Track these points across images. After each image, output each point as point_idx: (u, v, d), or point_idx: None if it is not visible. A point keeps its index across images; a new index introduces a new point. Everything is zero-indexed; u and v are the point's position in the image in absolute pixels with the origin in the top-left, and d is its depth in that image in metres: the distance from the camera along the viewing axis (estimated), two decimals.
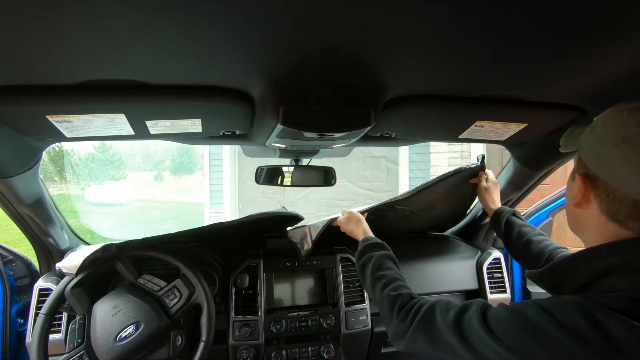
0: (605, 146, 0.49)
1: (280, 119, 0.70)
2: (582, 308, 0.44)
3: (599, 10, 0.43)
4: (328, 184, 1.20)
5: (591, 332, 0.41)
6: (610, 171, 0.48)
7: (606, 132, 0.49)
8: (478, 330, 0.52)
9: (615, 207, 0.49)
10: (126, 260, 1.01)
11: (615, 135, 0.48)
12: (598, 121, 0.52)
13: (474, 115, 0.84)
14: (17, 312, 1.24)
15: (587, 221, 0.54)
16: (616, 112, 0.50)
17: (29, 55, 0.50)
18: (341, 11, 0.42)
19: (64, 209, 1.33)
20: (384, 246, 0.93)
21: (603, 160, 0.49)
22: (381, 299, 0.76)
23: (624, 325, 0.40)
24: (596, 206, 0.52)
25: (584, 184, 0.52)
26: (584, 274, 0.50)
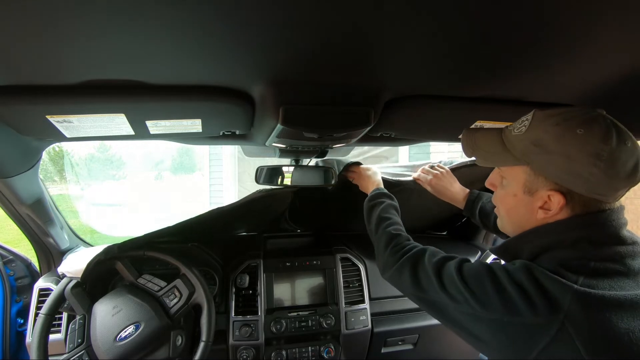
0: (580, 165, 0.53)
1: (280, 119, 0.70)
2: (527, 268, 0.55)
3: (598, 10, 0.43)
4: (328, 184, 1.19)
5: (530, 286, 0.53)
6: (591, 186, 0.54)
7: (573, 151, 0.53)
8: (452, 273, 0.62)
9: (585, 209, 0.56)
10: (126, 260, 1.01)
11: (587, 154, 0.52)
12: (544, 140, 0.56)
13: (474, 115, 0.84)
14: (17, 312, 1.24)
15: (545, 221, 0.60)
16: (568, 131, 0.54)
17: (29, 55, 0.50)
18: (341, 11, 0.42)
19: (64, 209, 1.33)
20: (393, 198, 0.99)
21: (581, 178, 0.54)
22: (381, 235, 0.84)
23: (551, 280, 0.52)
24: (566, 213, 0.58)
25: (561, 200, 0.56)
26: (529, 250, 0.61)
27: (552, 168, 0.56)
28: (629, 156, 0.53)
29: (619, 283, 0.52)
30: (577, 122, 0.54)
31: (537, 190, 0.59)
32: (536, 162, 0.58)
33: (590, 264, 0.53)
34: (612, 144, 0.52)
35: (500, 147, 0.63)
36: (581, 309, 0.49)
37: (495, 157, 0.64)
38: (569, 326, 0.49)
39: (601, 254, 0.54)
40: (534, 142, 0.57)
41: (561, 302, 0.50)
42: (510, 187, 0.63)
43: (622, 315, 0.49)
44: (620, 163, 0.52)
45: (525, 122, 0.60)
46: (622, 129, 0.54)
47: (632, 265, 0.53)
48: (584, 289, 0.50)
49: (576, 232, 0.56)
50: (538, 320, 0.50)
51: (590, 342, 0.48)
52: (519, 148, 0.60)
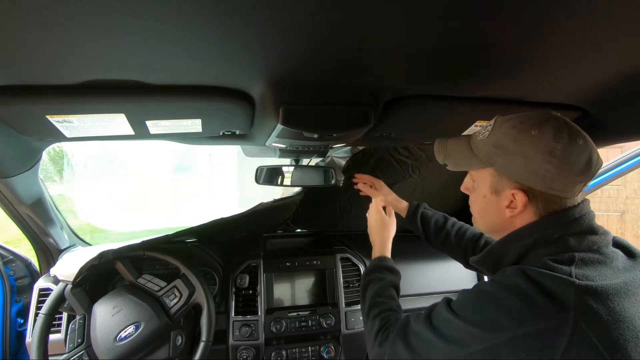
0: (536, 162, 0.57)
1: (280, 119, 0.70)
2: (518, 270, 0.55)
3: (598, 10, 0.43)
4: (328, 184, 1.19)
5: (531, 289, 0.52)
6: (548, 182, 0.57)
7: (528, 150, 0.57)
8: (445, 316, 0.59)
9: (548, 207, 0.60)
10: (126, 260, 1.01)
11: (542, 152, 0.56)
12: (503, 142, 0.60)
13: (474, 115, 0.84)
14: (17, 312, 1.24)
15: (517, 223, 0.63)
16: (523, 132, 0.58)
17: (29, 55, 0.50)
18: (341, 12, 0.42)
19: (63, 209, 1.33)
20: (394, 271, 0.90)
21: (538, 175, 0.57)
22: (371, 324, 0.77)
23: (549, 277, 0.52)
24: (531, 210, 0.61)
25: (524, 199, 0.60)
26: (516, 250, 0.61)
27: (512, 167, 0.60)
28: (581, 152, 0.57)
29: (602, 272, 0.54)
30: (531, 124, 0.58)
31: (502, 190, 0.63)
32: (498, 163, 0.62)
33: (575, 255, 0.55)
34: (563, 142, 0.56)
35: (469, 152, 0.67)
36: (587, 302, 0.49)
37: (464, 162, 0.68)
38: (581, 322, 0.48)
39: (582, 246, 0.57)
40: (495, 145, 0.61)
41: (566, 300, 0.49)
42: (480, 189, 0.67)
43: (623, 301, 0.51)
44: (572, 159, 0.56)
45: (488, 128, 0.64)
46: (574, 129, 0.58)
47: (607, 253, 0.57)
48: (584, 282, 0.50)
49: (559, 229, 0.58)
50: (550, 323, 0.49)
51: (604, 335, 0.47)
52: (484, 151, 0.64)
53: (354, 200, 1.40)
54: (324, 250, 1.31)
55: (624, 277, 0.53)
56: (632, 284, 0.53)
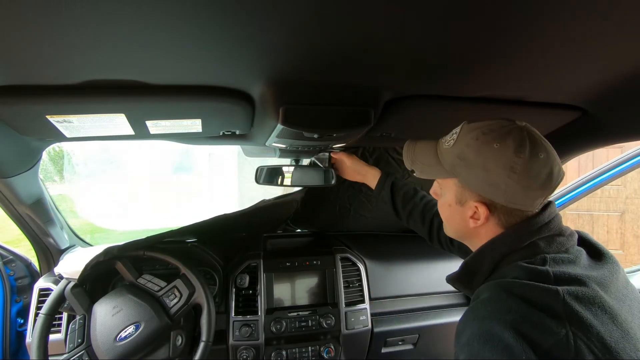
0: (497, 176, 0.57)
1: (280, 119, 0.70)
2: (501, 291, 0.53)
3: (598, 10, 0.43)
4: (328, 184, 1.19)
5: (517, 305, 0.50)
6: (509, 196, 0.57)
7: (490, 163, 0.57)
8: None
9: (510, 219, 0.60)
10: (126, 260, 1.01)
11: (503, 167, 0.56)
12: (466, 154, 0.60)
13: (474, 115, 0.84)
14: (17, 312, 1.24)
15: (482, 232, 0.63)
16: (486, 144, 0.58)
17: (30, 55, 0.50)
18: (340, 11, 0.42)
19: (64, 209, 1.33)
20: None
21: (499, 189, 0.58)
22: None
23: (528, 287, 0.51)
24: (494, 221, 0.61)
25: (486, 211, 0.60)
26: (490, 262, 0.61)
27: (474, 180, 0.60)
28: (541, 167, 0.56)
29: (573, 270, 0.54)
30: (493, 136, 0.58)
31: (466, 201, 0.63)
32: (461, 174, 0.62)
33: (547, 257, 0.56)
34: (524, 157, 0.56)
35: (434, 160, 0.67)
36: (574, 308, 0.48)
37: (430, 170, 0.68)
38: (577, 331, 0.46)
39: (552, 248, 0.57)
40: (459, 156, 0.61)
41: (558, 310, 0.48)
42: (446, 197, 0.67)
43: (598, 292, 0.51)
44: (533, 174, 0.56)
45: (453, 136, 0.64)
46: (537, 141, 0.58)
47: (574, 252, 0.58)
48: (566, 287, 0.50)
49: (529, 236, 0.58)
50: (556, 337, 0.46)
51: (597, 339, 0.46)
52: (448, 161, 0.64)
53: (354, 200, 1.39)
54: (324, 250, 1.31)
55: (592, 273, 0.54)
56: (602, 278, 0.54)
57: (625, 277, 0.59)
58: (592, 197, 3.53)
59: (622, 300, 0.54)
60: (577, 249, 0.60)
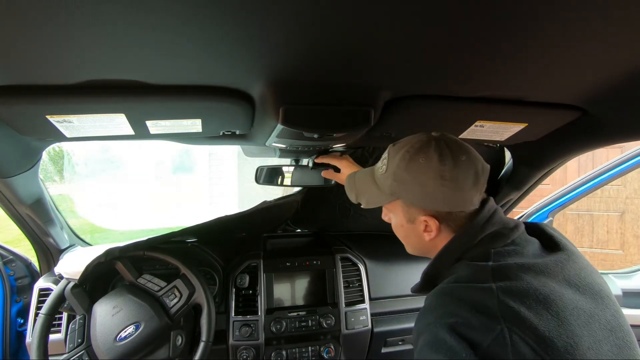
0: (431, 187, 0.61)
1: (280, 119, 0.70)
2: (442, 294, 0.57)
3: (599, 10, 0.43)
4: (328, 184, 1.19)
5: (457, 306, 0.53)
6: (448, 202, 0.61)
7: (422, 177, 0.61)
8: None
9: (458, 222, 0.63)
10: (126, 260, 1.01)
11: (434, 177, 0.60)
12: (399, 174, 0.64)
13: (474, 115, 0.84)
14: (17, 312, 1.24)
15: (438, 242, 0.65)
16: (413, 161, 0.62)
17: (30, 55, 0.50)
18: (341, 11, 0.42)
19: (64, 209, 1.33)
20: None
21: (438, 199, 0.61)
22: None
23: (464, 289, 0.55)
24: (445, 229, 0.64)
25: (435, 222, 0.63)
26: (448, 267, 0.63)
27: (413, 197, 0.63)
28: (467, 169, 0.61)
29: (514, 260, 0.57)
30: (417, 151, 0.62)
31: (415, 217, 0.66)
32: (402, 194, 0.65)
33: (491, 252, 0.59)
34: (449, 164, 0.60)
35: (375, 189, 0.70)
36: (508, 304, 0.50)
37: (374, 199, 0.71)
38: (512, 327, 0.48)
39: (497, 243, 0.60)
40: (394, 178, 0.65)
41: (492, 308, 0.50)
42: (397, 219, 0.70)
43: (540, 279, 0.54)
44: (461, 177, 0.60)
45: (384, 161, 0.67)
46: (455, 146, 0.62)
47: (520, 243, 0.61)
48: (501, 283, 0.53)
49: (477, 234, 0.61)
50: (492, 335, 0.48)
51: (533, 333, 0.48)
52: (386, 186, 0.67)
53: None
54: (324, 250, 1.31)
55: (535, 262, 0.56)
56: (546, 266, 0.56)
57: (582, 265, 0.60)
58: (592, 197, 3.52)
59: (569, 286, 0.55)
60: (526, 238, 0.62)
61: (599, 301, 0.56)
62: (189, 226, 1.11)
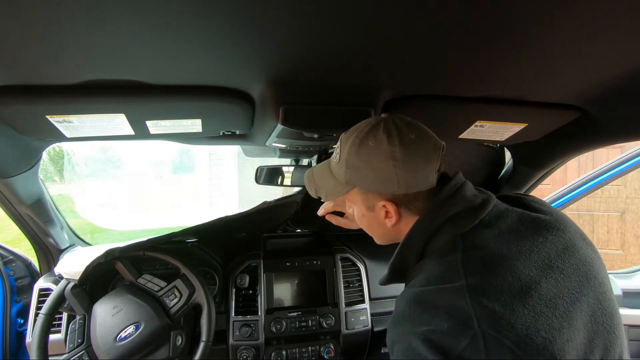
0: (385, 170, 0.58)
1: (280, 119, 0.70)
2: (412, 303, 0.54)
3: (598, 10, 0.43)
4: None
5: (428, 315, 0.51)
6: (404, 184, 0.58)
7: (373, 161, 0.59)
8: None
9: (418, 203, 0.61)
10: (126, 261, 1.01)
11: (385, 159, 0.58)
12: (351, 161, 0.61)
13: (474, 115, 0.84)
14: (17, 312, 1.24)
15: (402, 227, 0.63)
16: (363, 145, 0.59)
17: (30, 55, 0.50)
18: (340, 11, 0.42)
19: (64, 209, 1.33)
20: None
21: (393, 181, 0.58)
22: None
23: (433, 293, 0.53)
24: (406, 213, 0.62)
25: (393, 206, 0.61)
26: (414, 257, 0.62)
27: (367, 182, 0.61)
28: (417, 146, 0.58)
29: (485, 239, 0.55)
30: (366, 135, 0.59)
31: (374, 204, 0.63)
32: (357, 182, 0.62)
33: (457, 240, 0.56)
34: (398, 143, 0.57)
35: (332, 180, 0.67)
36: (482, 303, 0.48)
37: (332, 191, 0.68)
38: (489, 330, 0.46)
39: (463, 225, 0.57)
40: (347, 166, 0.62)
41: (465, 309, 0.48)
42: (357, 210, 0.68)
43: (514, 269, 0.51)
44: (413, 155, 0.58)
45: (337, 150, 0.65)
46: (404, 125, 0.59)
47: (489, 221, 0.58)
48: (473, 281, 0.50)
49: (439, 216, 0.58)
50: (466, 340, 0.46)
51: (514, 331, 0.46)
52: (341, 175, 0.64)
53: None
54: (324, 250, 1.31)
55: (509, 247, 0.53)
56: (515, 252, 0.53)
57: (565, 240, 0.56)
58: (592, 197, 3.52)
59: (551, 270, 0.52)
60: (498, 214, 0.59)
61: (584, 283, 0.53)
62: (189, 226, 1.11)
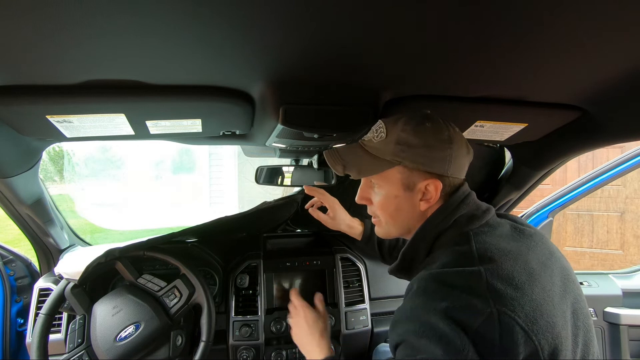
0: (440, 150, 0.62)
1: (280, 119, 0.70)
2: (432, 280, 0.56)
3: (598, 10, 0.43)
4: (328, 184, 1.19)
5: (447, 294, 0.53)
6: (451, 167, 0.63)
7: (430, 139, 0.62)
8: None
9: (450, 190, 0.65)
10: (126, 260, 1.01)
11: (442, 140, 0.62)
12: (405, 138, 0.63)
13: (474, 115, 0.84)
14: (17, 312, 1.24)
15: (428, 212, 0.66)
16: (420, 125, 0.63)
17: (30, 55, 0.50)
18: (341, 12, 0.42)
19: (64, 209, 1.33)
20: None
21: (445, 161, 0.63)
22: None
23: (454, 274, 0.56)
24: (440, 198, 0.65)
25: (439, 184, 0.64)
26: (425, 248, 0.65)
27: (420, 159, 0.63)
28: (462, 138, 0.65)
29: (493, 238, 0.60)
30: (420, 118, 0.63)
31: (415, 184, 0.65)
32: (407, 158, 0.63)
33: (470, 233, 0.61)
34: (451, 130, 0.63)
35: (369, 157, 0.67)
36: (496, 287, 0.52)
37: (369, 167, 0.67)
38: (501, 307, 0.50)
39: (473, 224, 0.63)
40: (398, 142, 0.63)
41: (481, 289, 0.52)
42: (389, 190, 0.67)
43: (519, 262, 0.56)
44: (461, 144, 0.64)
45: (381, 130, 0.66)
46: (447, 121, 0.65)
47: (493, 224, 0.64)
48: (488, 266, 0.54)
49: (453, 214, 0.63)
50: (483, 317, 0.49)
51: (521, 313, 0.50)
52: (388, 151, 0.64)
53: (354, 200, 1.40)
54: (324, 250, 1.31)
55: (512, 245, 0.60)
56: (519, 252, 0.58)
57: (549, 249, 0.64)
58: (592, 197, 3.52)
59: (543, 269, 0.58)
60: (497, 221, 0.65)
61: (566, 284, 0.60)
62: (189, 226, 1.11)
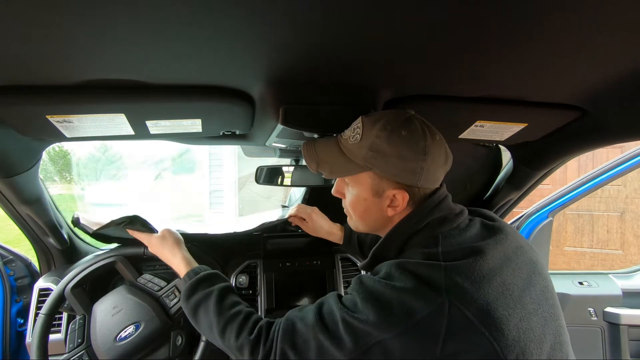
0: (412, 162, 0.61)
1: (280, 119, 0.70)
2: (397, 266, 0.58)
3: (598, 10, 0.43)
4: (328, 184, 1.19)
5: (407, 278, 0.56)
6: (422, 179, 0.62)
7: (403, 150, 0.60)
8: (337, 315, 0.58)
9: (417, 200, 0.65)
10: (126, 260, 1.01)
11: (415, 152, 0.60)
12: (379, 145, 0.62)
13: (474, 115, 0.84)
14: (17, 312, 1.24)
15: (396, 219, 0.66)
16: (394, 133, 0.61)
17: (30, 55, 0.50)
18: (340, 12, 0.42)
19: (64, 209, 1.32)
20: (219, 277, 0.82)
21: (415, 173, 0.61)
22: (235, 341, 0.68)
23: (418, 264, 0.57)
24: (408, 206, 0.65)
25: (405, 196, 0.64)
26: (395, 249, 0.66)
27: (391, 169, 0.62)
28: (440, 147, 0.63)
29: (460, 241, 0.61)
30: (398, 124, 0.61)
31: (383, 191, 0.65)
32: (377, 166, 0.63)
33: (439, 236, 0.61)
34: (428, 140, 0.61)
35: (343, 158, 0.66)
36: (454, 280, 0.54)
37: (341, 169, 0.67)
38: (454, 301, 0.52)
39: (444, 227, 0.63)
40: (371, 148, 0.62)
41: (438, 281, 0.54)
42: (359, 193, 0.67)
43: (483, 258, 0.57)
44: (437, 154, 0.62)
45: (357, 130, 0.65)
46: (430, 126, 0.64)
47: (463, 227, 0.64)
48: (451, 263, 0.56)
49: (425, 218, 0.64)
50: (432, 307, 0.52)
51: (475, 309, 0.52)
52: (360, 156, 0.64)
53: None
54: (324, 250, 1.30)
55: (480, 243, 0.60)
56: (486, 246, 0.60)
57: (517, 242, 0.65)
58: (592, 197, 3.52)
59: (508, 264, 0.60)
60: (469, 223, 0.66)
61: (532, 277, 0.62)
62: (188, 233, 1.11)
